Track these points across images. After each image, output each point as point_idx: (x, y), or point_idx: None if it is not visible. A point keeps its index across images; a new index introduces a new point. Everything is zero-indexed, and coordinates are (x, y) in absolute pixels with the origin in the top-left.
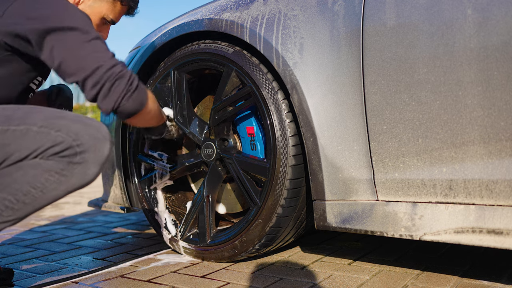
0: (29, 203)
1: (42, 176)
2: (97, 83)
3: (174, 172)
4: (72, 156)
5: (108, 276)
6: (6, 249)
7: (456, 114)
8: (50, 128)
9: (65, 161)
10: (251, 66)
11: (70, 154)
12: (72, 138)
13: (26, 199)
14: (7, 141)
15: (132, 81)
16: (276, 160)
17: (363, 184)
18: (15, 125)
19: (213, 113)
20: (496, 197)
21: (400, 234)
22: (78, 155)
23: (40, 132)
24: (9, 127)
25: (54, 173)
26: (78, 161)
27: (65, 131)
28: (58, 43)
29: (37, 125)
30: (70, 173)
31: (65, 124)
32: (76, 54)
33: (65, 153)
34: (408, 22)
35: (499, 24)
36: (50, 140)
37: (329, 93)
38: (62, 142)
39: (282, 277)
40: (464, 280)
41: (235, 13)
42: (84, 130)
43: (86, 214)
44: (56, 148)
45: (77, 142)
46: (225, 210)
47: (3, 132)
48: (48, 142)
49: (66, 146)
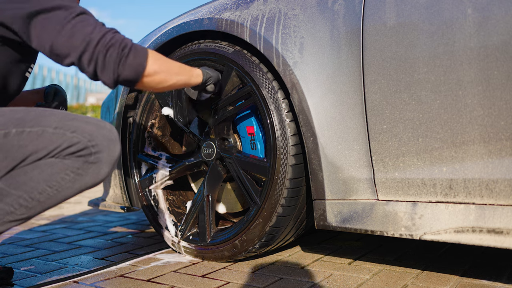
0: (43, 201)
1: (58, 175)
2: (91, 58)
3: (174, 171)
4: (87, 156)
5: (108, 275)
6: (6, 248)
7: (456, 114)
8: (65, 129)
9: (81, 160)
10: (251, 65)
11: (85, 154)
12: (87, 139)
13: (41, 197)
14: (24, 143)
15: (124, 46)
16: (276, 160)
17: (363, 184)
18: (30, 127)
19: (213, 113)
20: (496, 197)
21: (400, 233)
22: (93, 155)
23: (56, 133)
24: (24, 129)
25: (70, 172)
26: (93, 160)
27: (80, 132)
28: (43, 27)
29: (52, 127)
30: (85, 172)
31: (79, 126)
32: (64, 34)
33: (81, 153)
34: (408, 21)
35: (499, 23)
36: (66, 140)
37: (329, 92)
38: (78, 143)
39: (282, 277)
40: (464, 280)
41: (235, 12)
42: (97, 131)
43: (86, 213)
44: (73, 148)
45: (92, 143)
46: (225, 209)
47: (19, 133)
48: (65, 143)
49: (82, 147)
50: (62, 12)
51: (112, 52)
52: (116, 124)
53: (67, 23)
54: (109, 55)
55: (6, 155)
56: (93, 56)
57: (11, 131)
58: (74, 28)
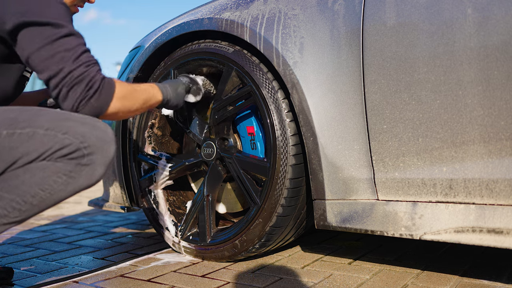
0: (36, 205)
1: (50, 178)
2: (56, 86)
3: (174, 171)
4: (80, 158)
5: (108, 275)
6: (6, 248)
7: (456, 114)
8: (57, 130)
9: (73, 163)
10: (251, 65)
11: (78, 156)
12: (80, 140)
13: (34, 200)
14: (14, 145)
15: (91, 86)
16: (276, 160)
17: (363, 184)
18: (21, 128)
19: (213, 113)
20: (496, 197)
21: (400, 233)
22: (86, 157)
23: (47, 134)
24: (15, 131)
25: (62, 175)
26: (86, 162)
27: (72, 133)
28: (28, 38)
29: (43, 128)
30: (78, 174)
31: (72, 126)
32: (42, 53)
33: (73, 155)
34: (408, 21)
35: (499, 23)
36: (57, 142)
37: (329, 92)
38: (69, 145)
39: (282, 277)
40: (464, 280)
41: (235, 12)
42: (90, 132)
43: (86, 213)
44: (64, 151)
45: (85, 144)
46: (225, 209)
47: (10, 135)
48: (56, 145)
49: (74, 149)
50: (49, 30)
51: (77, 88)
52: (116, 124)
53: (50, 43)
54: (73, 90)
55: None
56: (59, 85)
57: (1, 132)
58: (53, 51)
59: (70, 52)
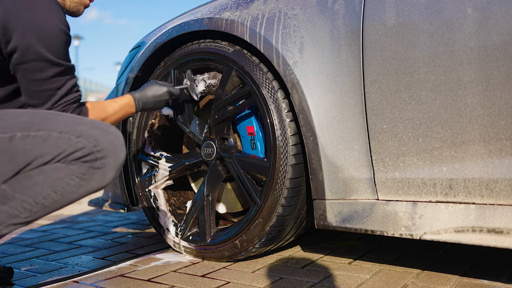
0: (48, 206)
1: (63, 180)
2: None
3: (174, 171)
4: (93, 161)
5: (108, 275)
6: (6, 248)
7: (456, 113)
8: (71, 134)
9: (86, 166)
10: (251, 65)
11: (91, 160)
12: (93, 144)
13: (46, 202)
14: (29, 147)
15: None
16: (276, 160)
17: (363, 184)
18: (35, 131)
19: (213, 113)
20: (496, 196)
21: (400, 233)
22: (99, 160)
23: (61, 137)
24: (30, 133)
25: (75, 177)
26: (98, 166)
27: (85, 137)
28: (23, 66)
29: (57, 131)
30: (90, 177)
31: (85, 130)
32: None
33: (86, 158)
34: (408, 21)
35: (499, 23)
36: (71, 145)
37: (329, 92)
38: (83, 148)
39: (282, 276)
40: (464, 279)
41: (235, 12)
42: (103, 136)
43: (86, 213)
44: (78, 154)
45: (98, 148)
46: (225, 209)
47: (24, 138)
48: (70, 148)
49: (87, 152)
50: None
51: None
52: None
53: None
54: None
55: (11, 158)
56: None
57: (16, 134)
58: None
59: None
